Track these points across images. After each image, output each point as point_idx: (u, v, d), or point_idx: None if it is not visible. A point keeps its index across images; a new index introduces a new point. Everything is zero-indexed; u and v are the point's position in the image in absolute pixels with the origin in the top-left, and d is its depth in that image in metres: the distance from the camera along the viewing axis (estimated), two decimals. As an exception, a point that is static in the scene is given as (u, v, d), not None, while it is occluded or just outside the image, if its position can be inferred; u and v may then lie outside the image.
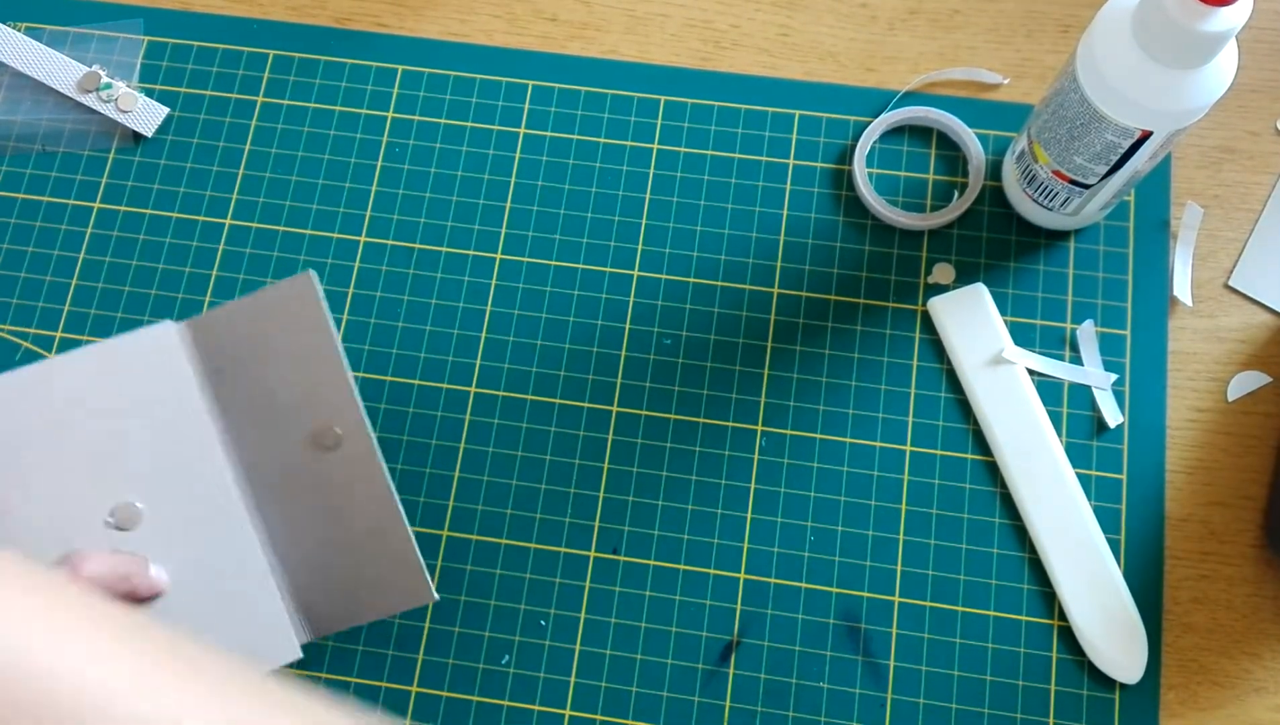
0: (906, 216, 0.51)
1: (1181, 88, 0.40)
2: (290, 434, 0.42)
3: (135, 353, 0.41)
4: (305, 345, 0.42)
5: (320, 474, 0.42)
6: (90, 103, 0.53)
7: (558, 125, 0.53)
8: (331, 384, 0.42)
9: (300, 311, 0.42)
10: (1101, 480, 0.47)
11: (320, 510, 0.42)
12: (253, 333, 0.42)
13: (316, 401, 0.42)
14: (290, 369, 0.42)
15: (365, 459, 0.41)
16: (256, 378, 0.42)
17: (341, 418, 0.42)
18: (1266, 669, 0.45)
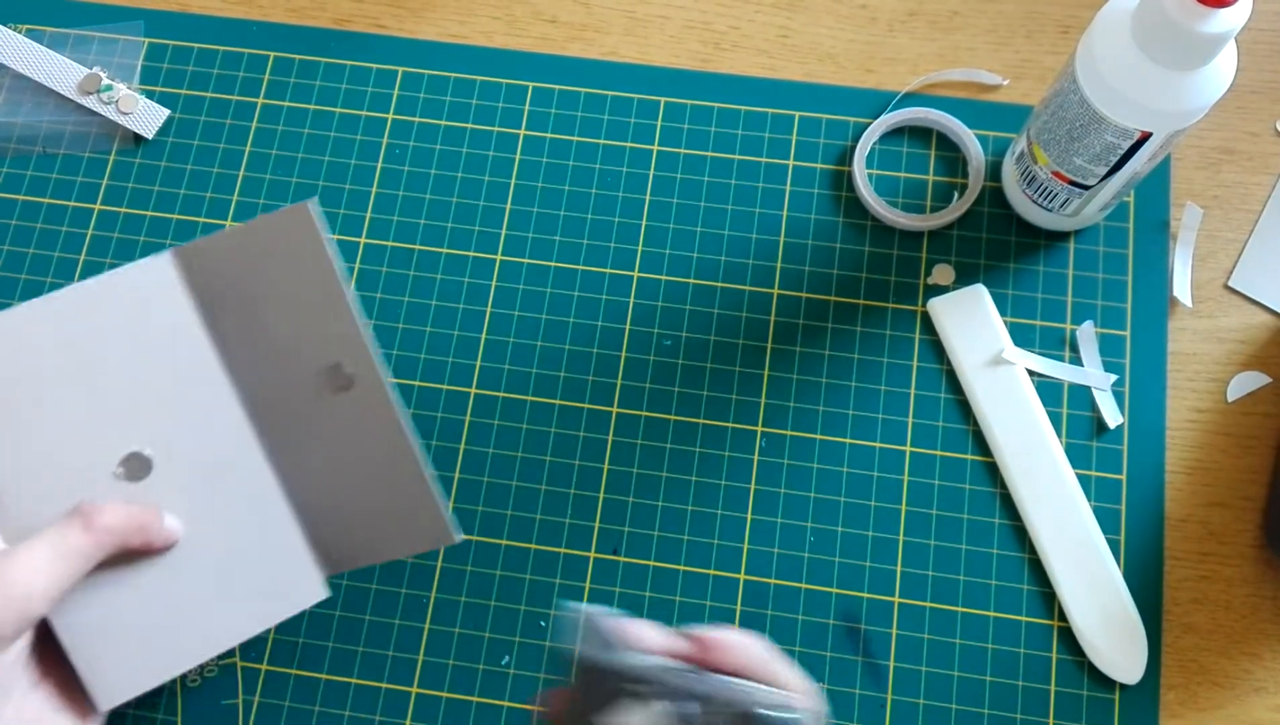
0: (906, 217, 0.51)
1: (1181, 89, 0.40)
2: (295, 374, 0.40)
3: (133, 287, 0.39)
4: (306, 280, 0.39)
5: (330, 415, 0.40)
6: (91, 105, 0.54)
7: (557, 127, 0.53)
8: (337, 321, 0.39)
9: (299, 244, 0.39)
10: (1101, 481, 0.47)
11: (332, 451, 0.40)
12: (247, 266, 0.39)
13: (322, 340, 0.40)
14: (291, 305, 0.39)
15: (378, 399, 0.39)
16: (254, 314, 0.40)
17: (351, 356, 0.39)
18: (1266, 669, 0.45)
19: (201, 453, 0.39)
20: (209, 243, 0.39)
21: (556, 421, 0.49)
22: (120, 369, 0.38)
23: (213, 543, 0.39)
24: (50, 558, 0.35)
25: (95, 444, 0.38)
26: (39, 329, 0.37)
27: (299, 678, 0.46)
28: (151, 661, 0.39)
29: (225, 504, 0.40)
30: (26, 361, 0.37)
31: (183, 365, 0.39)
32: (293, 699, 0.46)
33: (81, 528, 0.36)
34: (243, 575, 0.40)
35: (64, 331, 0.38)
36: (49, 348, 0.38)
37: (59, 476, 0.38)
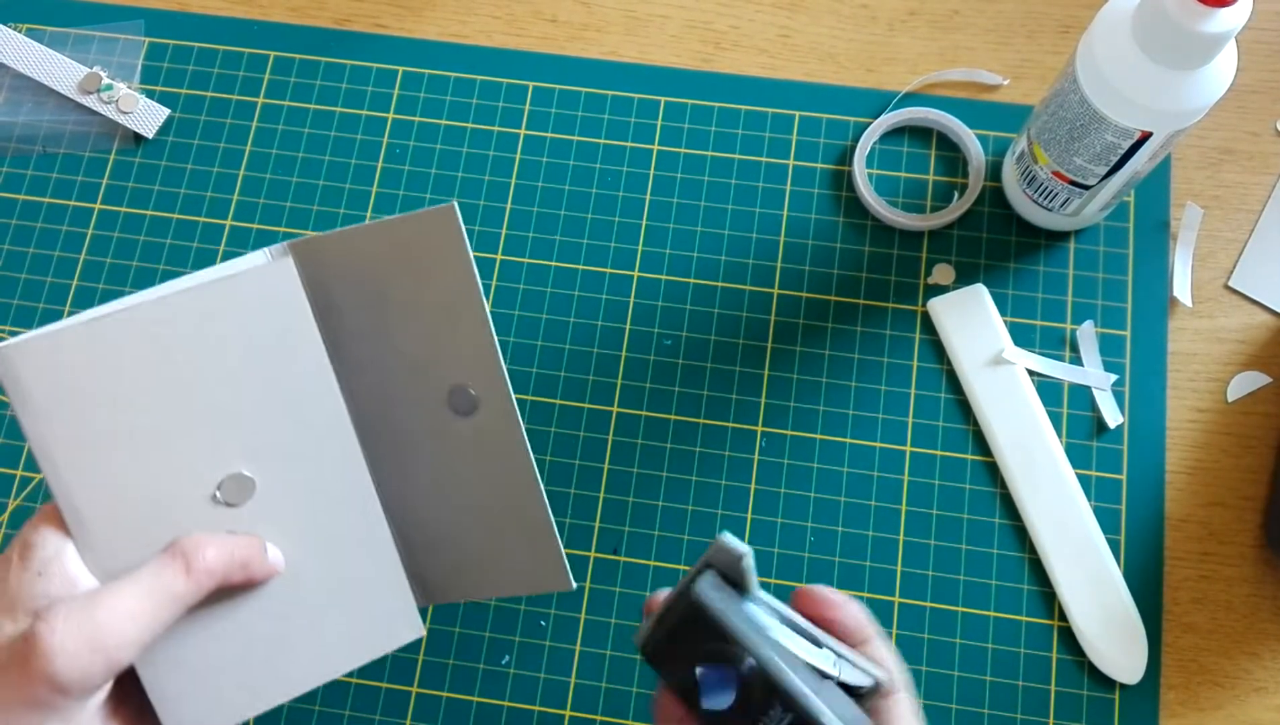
0: (906, 217, 0.51)
1: (1181, 88, 0.40)
2: (414, 391, 0.36)
3: (250, 292, 0.34)
4: (441, 291, 0.34)
5: (448, 439, 0.36)
6: (91, 104, 0.54)
7: (558, 126, 0.53)
8: (471, 338, 0.35)
9: (438, 250, 0.34)
10: (1101, 480, 0.47)
11: (445, 477, 0.37)
12: (376, 268, 0.35)
13: (451, 357, 0.35)
14: (420, 316, 0.35)
15: (504, 427, 0.35)
16: (376, 322, 0.36)
17: (481, 378, 0.35)
18: (1266, 669, 0.45)
19: (306, 473, 0.36)
20: (334, 239, 0.35)
21: (557, 421, 0.49)
22: (224, 381, 0.34)
23: (309, 574, 0.36)
24: (144, 603, 0.32)
25: (193, 464, 0.34)
26: (140, 337, 0.33)
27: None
28: (230, 700, 0.35)
29: (327, 531, 0.36)
30: (123, 374, 0.33)
31: (293, 376, 0.35)
32: (293, 699, 0.45)
33: (181, 570, 0.33)
34: (338, 610, 0.37)
35: (165, 340, 0.33)
36: (147, 360, 0.33)
37: (152, 497, 0.34)
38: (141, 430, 0.33)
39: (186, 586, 0.33)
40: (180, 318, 0.33)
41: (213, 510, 0.35)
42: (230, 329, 0.34)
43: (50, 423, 0.32)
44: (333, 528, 0.36)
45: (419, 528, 0.38)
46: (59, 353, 0.32)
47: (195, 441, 0.34)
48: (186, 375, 0.33)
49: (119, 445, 0.33)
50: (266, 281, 0.34)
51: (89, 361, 0.32)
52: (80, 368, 0.32)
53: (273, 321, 0.35)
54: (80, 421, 0.32)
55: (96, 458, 0.33)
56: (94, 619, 0.31)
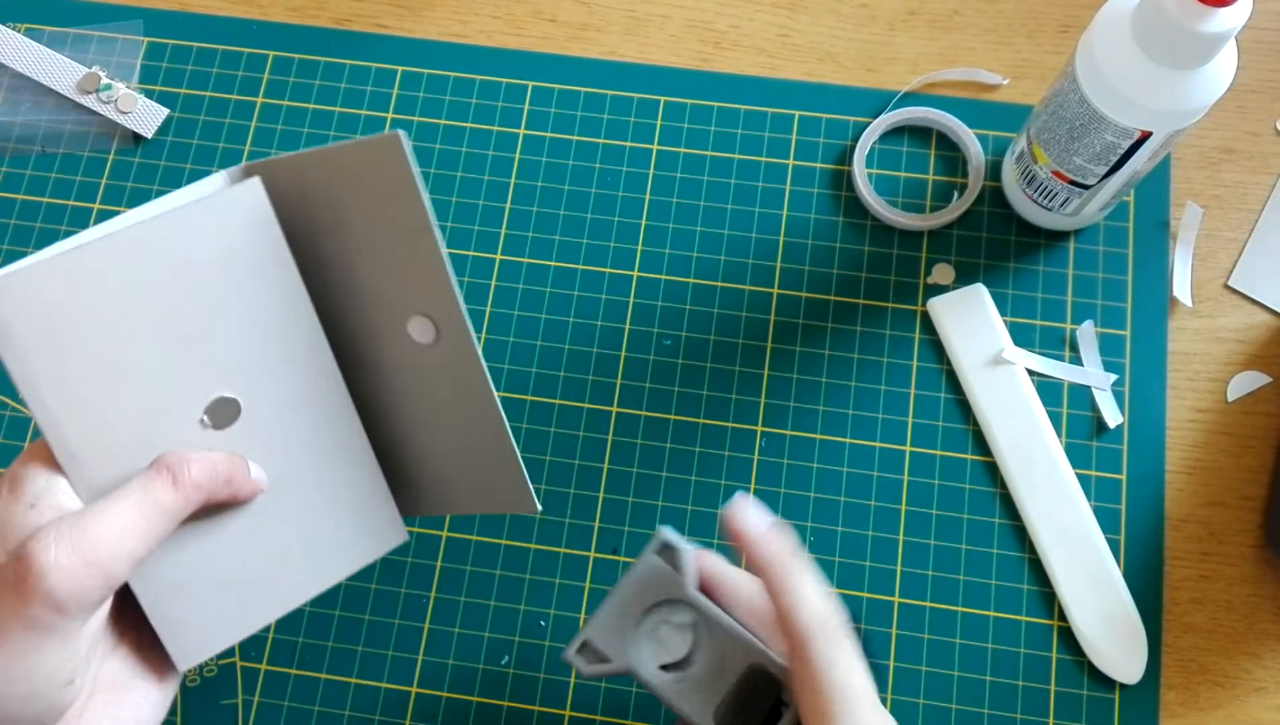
0: (906, 217, 0.51)
1: (1181, 88, 0.40)
2: (379, 316, 0.36)
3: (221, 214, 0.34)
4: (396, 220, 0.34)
5: (413, 367, 0.37)
6: (90, 104, 0.53)
7: (557, 126, 0.53)
8: (427, 270, 0.34)
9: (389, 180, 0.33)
10: (1101, 480, 0.47)
11: (415, 400, 0.37)
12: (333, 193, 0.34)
13: (411, 286, 0.35)
14: (378, 244, 0.35)
15: (464, 359, 0.36)
16: (339, 248, 0.35)
17: (440, 309, 0.35)
18: (1266, 669, 0.45)
19: (288, 393, 0.36)
20: (291, 161, 0.34)
21: (556, 421, 0.49)
22: (203, 304, 0.34)
23: (296, 491, 0.36)
24: (135, 517, 0.31)
25: (179, 389, 0.34)
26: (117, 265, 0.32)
27: (298, 677, 0.46)
28: (231, 618, 0.36)
29: (310, 448, 0.37)
30: (103, 303, 0.32)
31: (269, 297, 0.35)
32: (292, 699, 0.46)
33: (168, 482, 0.33)
34: (326, 522, 0.37)
35: (142, 267, 0.32)
36: (126, 287, 0.32)
37: (141, 426, 0.33)
38: (125, 358, 0.33)
39: (175, 499, 0.33)
40: (155, 243, 0.33)
41: (201, 434, 0.35)
42: (205, 252, 0.33)
43: (33, 356, 0.31)
44: (316, 444, 0.37)
45: (393, 446, 0.39)
46: (35, 286, 0.31)
47: (179, 367, 0.34)
48: (166, 300, 0.33)
49: (104, 375, 0.33)
50: (237, 203, 0.34)
51: (68, 293, 0.31)
52: (59, 300, 0.31)
53: (246, 242, 0.34)
54: (63, 354, 0.32)
55: (82, 389, 0.32)
56: (87, 534, 0.30)
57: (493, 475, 0.38)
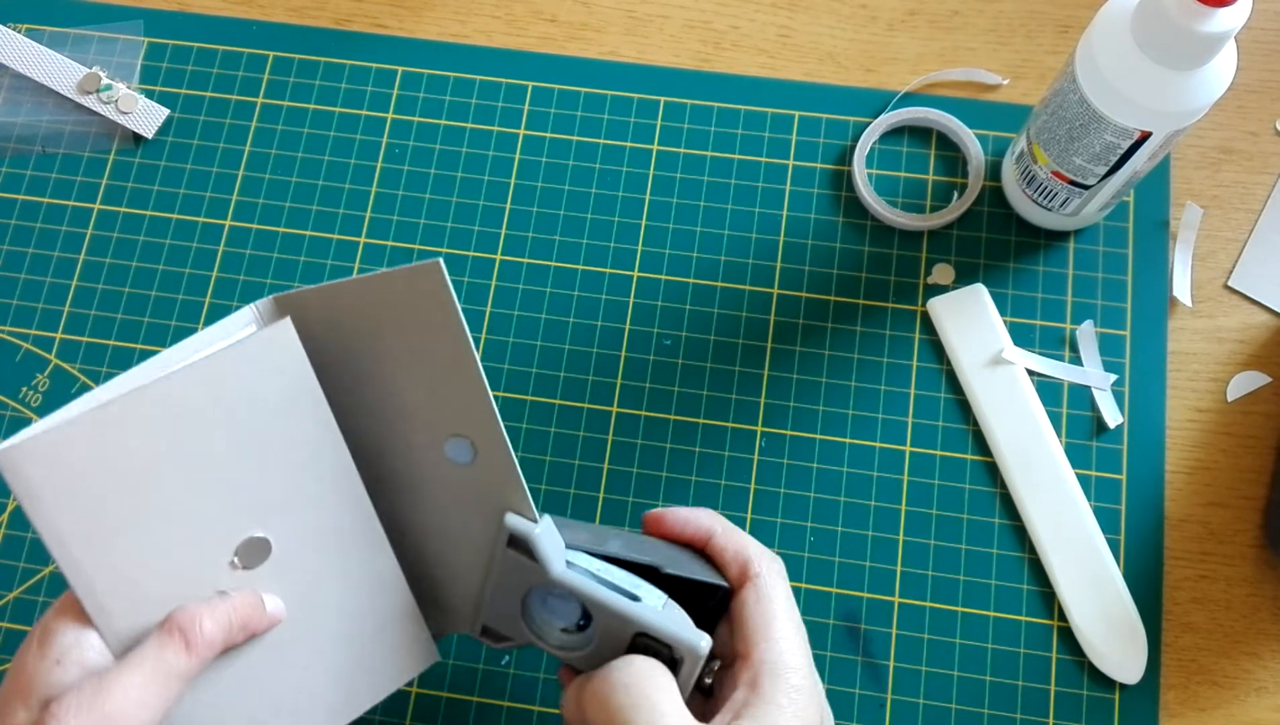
0: (906, 217, 0.51)
1: (1180, 88, 0.40)
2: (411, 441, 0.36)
3: (254, 358, 0.33)
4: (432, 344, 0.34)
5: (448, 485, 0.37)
6: (90, 104, 0.54)
7: (557, 126, 0.53)
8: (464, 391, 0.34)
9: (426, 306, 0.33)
10: (1101, 480, 0.47)
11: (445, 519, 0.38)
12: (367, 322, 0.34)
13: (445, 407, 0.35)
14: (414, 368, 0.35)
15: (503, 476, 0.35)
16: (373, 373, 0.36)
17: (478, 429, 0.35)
18: (1266, 669, 0.45)
19: (317, 526, 0.36)
20: (322, 294, 0.34)
21: (556, 421, 0.49)
22: (231, 447, 0.33)
23: (326, 621, 0.36)
24: (149, 686, 0.32)
25: (209, 533, 0.34)
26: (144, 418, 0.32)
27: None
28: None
29: (341, 577, 0.36)
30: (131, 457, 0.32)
31: (298, 434, 0.35)
32: None
33: (180, 646, 0.33)
34: (357, 650, 0.37)
35: (170, 418, 0.32)
36: (153, 439, 0.32)
37: (172, 573, 0.33)
38: (154, 509, 0.33)
39: (189, 663, 0.33)
40: (183, 393, 0.32)
41: (231, 575, 0.34)
42: (234, 397, 0.33)
43: (61, 516, 0.31)
44: (346, 574, 0.37)
45: (424, 567, 0.39)
46: (63, 447, 0.30)
47: (208, 511, 0.34)
48: (195, 448, 0.33)
49: (133, 527, 0.32)
50: (268, 345, 0.34)
51: (95, 450, 0.31)
52: (87, 458, 0.31)
53: (276, 383, 0.34)
54: (92, 510, 0.32)
55: (112, 543, 0.32)
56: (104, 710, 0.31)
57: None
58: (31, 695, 0.32)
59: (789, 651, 0.34)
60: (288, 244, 0.52)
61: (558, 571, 0.35)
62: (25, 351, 0.50)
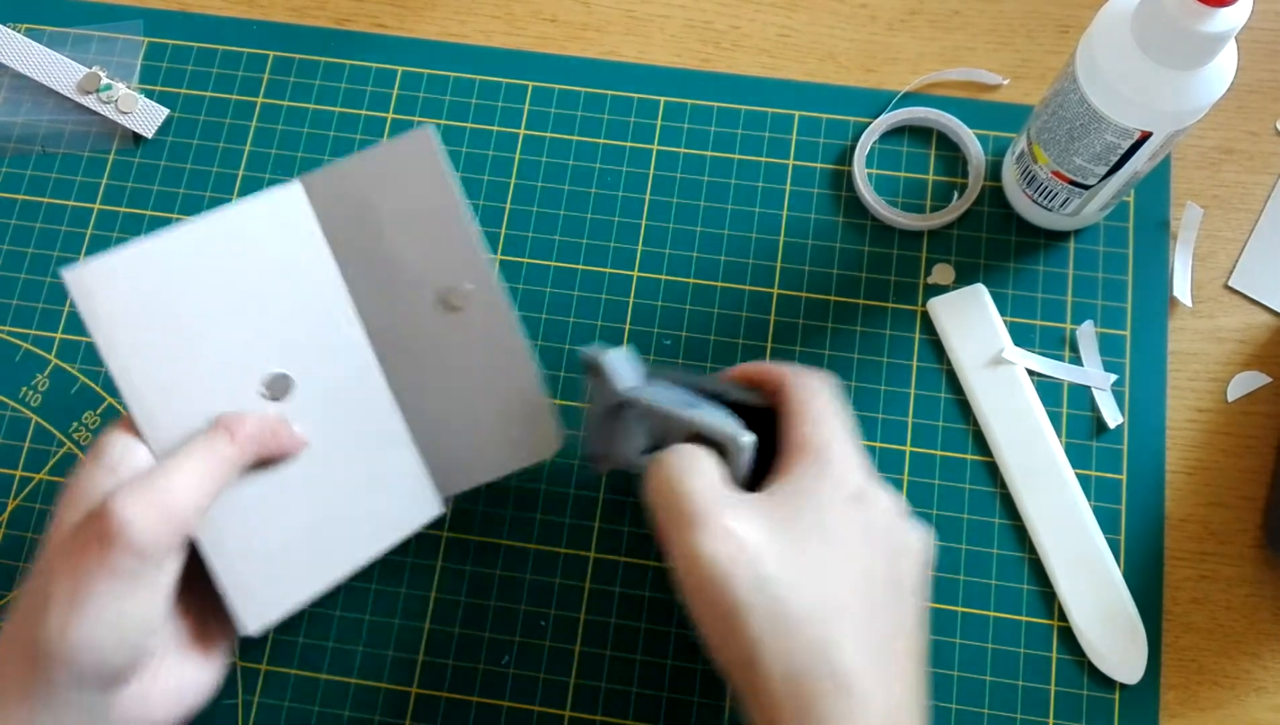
0: (906, 217, 0.51)
1: (1181, 88, 0.40)
2: (415, 297, 0.41)
3: (269, 216, 0.40)
4: (427, 206, 0.41)
5: (449, 335, 0.42)
6: (90, 104, 0.54)
7: (557, 126, 0.53)
8: (457, 243, 0.41)
9: (419, 170, 0.40)
10: (1101, 480, 0.47)
11: (449, 369, 0.42)
12: (368, 194, 0.41)
13: (441, 263, 0.41)
14: (411, 230, 0.41)
15: (496, 315, 0.41)
16: (374, 239, 0.41)
17: (470, 275, 0.41)
18: (1266, 669, 0.45)
19: (332, 375, 0.41)
20: (332, 170, 0.40)
21: (556, 421, 0.49)
22: (258, 293, 0.39)
23: (341, 464, 0.41)
24: (201, 469, 0.36)
25: (241, 366, 0.39)
26: (186, 256, 0.38)
27: (299, 678, 0.46)
28: (289, 583, 0.40)
29: (351, 426, 0.41)
30: (173, 289, 0.38)
31: (313, 290, 0.40)
32: (293, 699, 0.46)
33: (227, 438, 0.37)
34: (368, 495, 0.41)
35: (209, 258, 0.38)
36: (197, 273, 0.38)
37: (209, 395, 0.38)
38: (195, 335, 0.38)
39: (234, 452, 0.37)
40: (212, 236, 0.38)
41: (259, 404, 0.39)
42: (257, 247, 0.39)
43: (118, 333, 0.37)
44: (357, 423, 0.41)
45: (433, 420, 0.42)
46: (120, 274, 0.37)
47: (240, 346, 0.39)
48: (226, 287, 0.38)
49: (178, 350, 0.38)
50: (280, 203, 0.40)
51: (144, 280, 0.37)
52: (140, 286, 0.37)
53: (291, 238, 0.40)
54: (143, 331, 0.37)
55: (160, 362, 0.37)
56: (160, 488, 0.34)
57: (522, 427, 0.43)
58: (80, 502, 0.35)
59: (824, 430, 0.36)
60: (288, 244, 0.52)
61: (622, 387, 0.39)
62: (25, 351, 0.50)
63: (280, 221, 0.40)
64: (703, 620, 0.34)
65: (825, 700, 0.31)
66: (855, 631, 0.33)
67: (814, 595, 0.33)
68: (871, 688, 0.32)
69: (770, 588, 0.32)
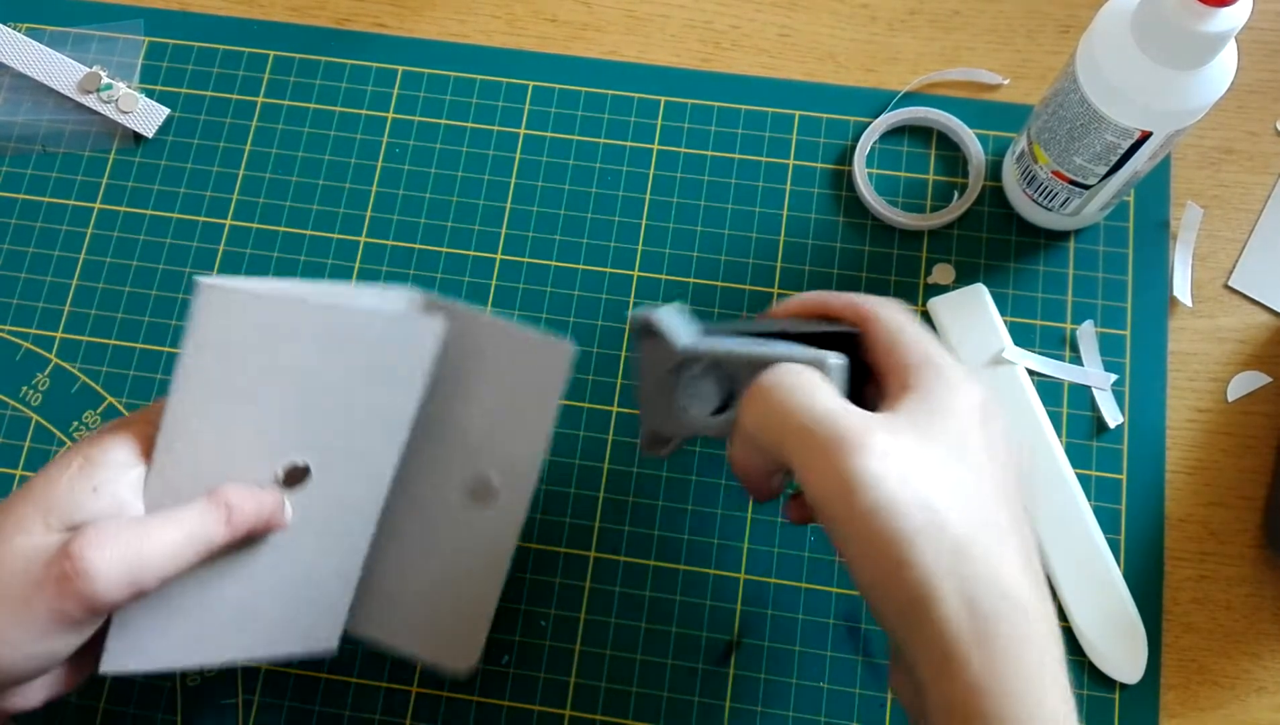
0: (906, 217, 0.51)
1: (1181, 88, 0.40)
2: (452, 465, 0.41)
3: (399, 335, 0.38)
4: (523, 405, 0.40)
5: (457, 514, 0.41)
6: (91, 103, 0.54)
7: (558, 126, 0.53)
8: (521, 456, 0.40)
9: (540, 374, 0.40)
10: (1101, 480, 0.47)
11: (434, 541, 0.41)
12: (485, 358, 0.40)
13: (496, 455, 0.40)
14: (494, 414, 0.40)
15: (502, 534, 0.41)
16: (458, 399, 0.40)
17: (508, 481, 0.40)
18: (1266, 669, 0.45)
19: (341, 491, 0.39)
20: (467, 314, 0.40)
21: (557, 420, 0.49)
22: (336, 391, 0.38)
23: (287, 563, 0.39)
24: (183, 542, 0.34)
25: (280, 440, 0.38)
26: (298, 326, 0.37)
27: (299, 677, 0.46)
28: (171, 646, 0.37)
29: (322, 539, 0.39)
30: (272, 346, 0.36)
31: (382, 407, 0.39)
32: (292, 699, 0.46)
33: (223, 519, 0.35)
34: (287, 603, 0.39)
35: (315, 338, 0.37)
36: (303, 344, 0.37)
37: (234, 452, 0.37)
38: (260, 396, 0.37)
39: (223, 536, 0.35)
40: (338, 328, 0.37)
41: (270, 480, 0.38)
42: (364, 353, 0.38)
43: (206, 357, 0.36)
44: (329, 539, 0.39)
45: (384, 562, 0.41)
46: (246, 307, 0.36)
47: (291, 425, 0.37)
48: (311, 371, 0.37)
49: (238, 400, 0.36)
50: (419, 330, 0.38)
51: (261, 325, 0.36)
52: (253, 325, 0.36)
53: (398, 364, 0.38)
54: (226, 367, 0.36)
55: (217, 402, 0.36)
56: (138, 550, 0.32)
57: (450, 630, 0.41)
58: (53, 513, 0.33)
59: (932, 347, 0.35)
60: (288, 243, 0.52)
61: (684, 342, 0.37)
62: (25, 351, 0.50)
63: (403, 346, 0.38)
64: (864, 555, 0.30)
65: (1005, 622, 0.29)
66: (1013, 549, 0.31)
67: (975, 515, 0.31)
68: (1037, 604, 0.30)
69: (939, 512, 0.30)
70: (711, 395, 0.37)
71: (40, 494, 0.33)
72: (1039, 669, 0.30)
